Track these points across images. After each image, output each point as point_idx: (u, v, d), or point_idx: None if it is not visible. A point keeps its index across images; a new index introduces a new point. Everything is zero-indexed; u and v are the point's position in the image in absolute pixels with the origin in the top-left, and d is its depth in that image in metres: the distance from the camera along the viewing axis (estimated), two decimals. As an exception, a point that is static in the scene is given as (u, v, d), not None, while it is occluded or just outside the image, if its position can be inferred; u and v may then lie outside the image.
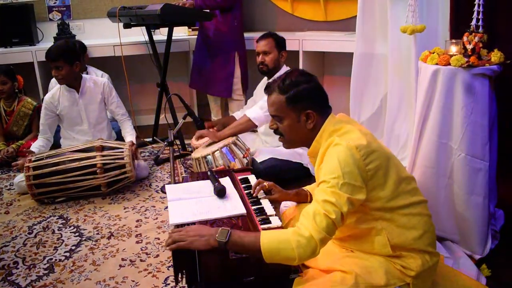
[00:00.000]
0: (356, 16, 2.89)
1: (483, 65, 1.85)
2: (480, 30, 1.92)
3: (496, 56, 1.86)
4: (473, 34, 1.88)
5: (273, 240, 1.43)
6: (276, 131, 1.71)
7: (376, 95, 3.01)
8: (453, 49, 1.92)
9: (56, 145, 3.16)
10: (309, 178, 2.78)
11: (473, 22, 1.94)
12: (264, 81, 3.06)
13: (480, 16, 1.93)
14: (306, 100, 1.59)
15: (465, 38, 1.91)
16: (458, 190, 1.99)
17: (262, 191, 1.92)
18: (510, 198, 2.33)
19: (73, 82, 2.98)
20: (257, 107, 2.75)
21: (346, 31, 3.63)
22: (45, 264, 2.07)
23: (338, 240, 1.72)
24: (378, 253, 1.58)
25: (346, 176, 1.43)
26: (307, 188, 1.97)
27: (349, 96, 3.03)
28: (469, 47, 1.88)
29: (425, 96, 1.95)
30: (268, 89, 1.67)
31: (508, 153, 2.28)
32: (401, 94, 2.71)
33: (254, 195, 1.89)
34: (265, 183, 1.92)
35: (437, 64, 1.90)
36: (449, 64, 1.86)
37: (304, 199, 1.96)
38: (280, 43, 2.91)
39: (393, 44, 2.61)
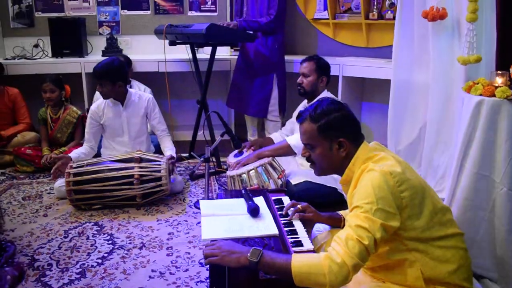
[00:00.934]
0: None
1: (530, 98, 1.79)
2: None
3: (544, 90, 1.81)
4: (522, 66, 1.84)
5: (304, 264, 1.42)
6: (308, 159, 1.73)
7: (414, 123, 2.96)
8: (499, 80, 1.88)
9: (97, 154, 3.26)
10: (342, 204, 2.74)
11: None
12: (304, 103, 3.07)
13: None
14: (337, 129, 1.61)
15: (511, 70, 1.86)
16: (499, 225, 1.91)
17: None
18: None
19: (116, 98, 3.08)
20: (298, 136, 2.74)
21: (387, 58, 3.61)
22: (77, 269, 2.12)
23: (370, 270, 1.68)
24: (410, 285, 1.53)
25: (380, 202, 1.42)
26: (341, 212, 1.95)
27: (387, 123, 3.01)
28: (516, 79, 1.84)
29: (467, 127, 1.91)
30: (300, 118, 1.71)
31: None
32: (441, 124, 2.66)
33: (288, 218, 1.87)
34: (299, 205, 1.91)
35: (481, 95, 1.87)
36: (494, 96, 1.82)
37: (337, 223, 1.94)
38: (321, 67, 2.93)
39: (435, 73, 2.58)
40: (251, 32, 3.59)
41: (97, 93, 3.75)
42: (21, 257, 2.21)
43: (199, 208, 2.68)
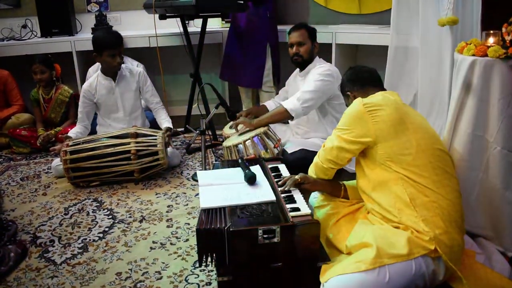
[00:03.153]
0: (390, 9, 2.84)
1: (522, 56, 1.79)
2: (521, 21, 1.86)
3: (536, 47, 1.80)
4: (513, 25, 1.83)
5: None
6: None
7: (409, 89, 2.96)
8: (491, 40, 1.86)
9: (92, 131, 3.25)
10: (337, 172, 2.76)
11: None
12: (296, 72, 3.06)
13: (522, 7, 1.87)
14: (346, 85, 1.99)
15: (503, 29, 1.85)
16: (493, 184, 1.94)
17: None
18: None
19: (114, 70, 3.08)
20: (294, 98, 2.73)
21: (380, 24, 3.58)
22: (79, 244, 2.15)
23: (369, 201, 1.79)
24: (397, 206, 1.64)
25: (347, 124, 1.76)
26: (345, 182, 2.02)
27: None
28: (508, 38, 1.82)
29: (461, 87, 1.91)
30: None
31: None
32: (434, 88, 2.65)
33: (286, 189, 1.90)
34: (297, 177, 1.94)
35: (473, 55, 1.86)
36: (486, 55, 1.82)
37: (336, 190, 1.99)
38: (312, 34, 2.91)
39: (424, 37, 2.56)
40: (242, 1, 3.54)
41: (90, 71, 3.74)
42: (23, 235, 2.24)
43: (196, 181, 2.69)
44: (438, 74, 2.55)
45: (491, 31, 1.87)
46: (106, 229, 2.28)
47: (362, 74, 1.97)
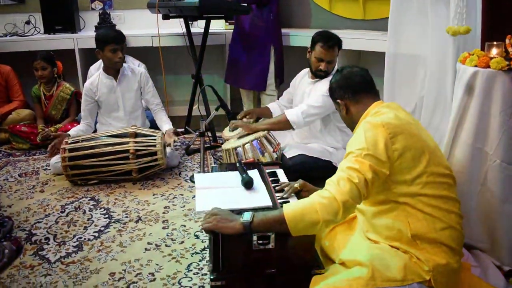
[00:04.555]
0: (395, 15, 2.83)
1: (525, 69, 1.78)
2: (524, 33, 1.85)
3: (539, 60, 1.79)
4: (517, 37, 1.82)
5: (296, 208, 1.49)
6: None
7: (410, 97, 2.94)
8: (494, 51, 1.86)
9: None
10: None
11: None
12: (304, 73, 3.02)
13: (525, 19, 1.86)
14: (336, 91, 1.82)
15: (507, 41, 1.84)
16: (491, 197, 1.92)
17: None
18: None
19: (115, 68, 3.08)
20: (299, 110, 2.70)
21: (384, 30, 3.56)
22: (74, 242, 2.14)
23: (365, 224, 1.71)
24: (398, 239, 1.56)
25: (371, 148, 1.51)
26: None
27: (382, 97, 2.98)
28: (511, 50, 1.82)
29: (461, 98, 1.90)
30: None
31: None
32: (437, 97, 2.64)
33: (285, 196, 1.88)
34: (296, 184, 1.92)
35: (476, 66, 1.85)
36: (489, 67, 1.81)
37: None
38: (340, 49, 2.86)
39: (433, 45, 2.55)
40: (245, 4, 3.54)
41: (91, 69, 3.74)
42: (19, 232, 2.23)
43: (194, 182, 2.69)
44: (442, 83, 2.53)
45: (494, 42, 1.87)
46: (102, 228, 2.27)
47: (354, 78, 1.78)
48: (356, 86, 1.77)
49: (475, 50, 1.95)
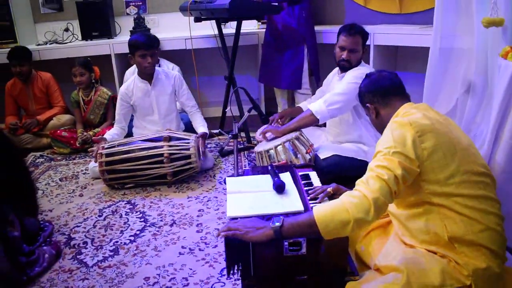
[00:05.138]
0: (432, 8, 2.72)
1: None
2: None
3: None
4: None
5: (326, 210, 1.46)
6: None
7: (452, 93, 2.82)
8: (539, 44, 1.75)
9: (128, 133, 3.32)
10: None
11: None
12: (335, 72, 2.97)
13: None
14: (365, 96, 1.82)
15: (553, 33, 1.73)
16: (538, 198, 1.81)
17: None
18: None
19: (150, 73, 3.13)
20: (321, 101, 2.66)
21: (421, 24, 3.44)
22: (111, 246, 2.19)
23: (400, 229, 1.66)
24: (433, 241, 1.51)
25: (398, 146, 1.48)
26: None
27: (421, 93, 2.87)
28: (558, 42, 1.70)
29: (503, 95, 1.79)
30: None
31: None
32: (482, 93, 2.52)
33: (318, 202, 1.84)
34: (329, 189, 1.88)
35: (519, 60, 1.75)
36: (533, 61, 1.70)
37: None
38: (366, 40, 2.78)
39: (478, 39, 2.42)
40: (276, 3, 3.50)
41: (127, 73, 3.81)
42: (59, 236, 2.30)
43: (227, 185, 2.69)
44: (488, 78, 2.41)
45: (539, 35, 1.75)
46: (138, 232, 2.31)
47: (383, 82, 1.77)
48: (385, 90, 1.76)
49: (517, 43, 1.84)
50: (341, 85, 2.67)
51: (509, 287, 1.59)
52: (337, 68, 2.92)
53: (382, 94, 1.75)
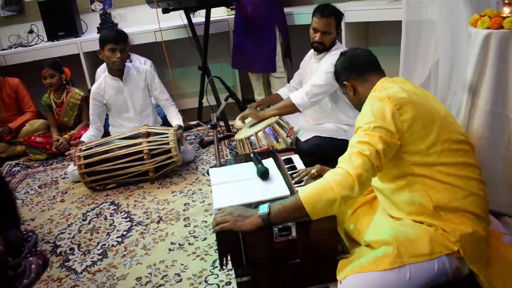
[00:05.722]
0: (400, -18, 2.72)
1: (540, 25, 1.68)
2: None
3: (556, 14, 1.69)
4: (529, -9, 1.72)
5: (311, 189, 1.47)
6: None
7: (425, 64, 2.84)
8: (506, 10, 1.76)
9: (105, 132, 3.26)
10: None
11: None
12: (311, 54, 2.95)
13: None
14: (341, 74, 1.80)
15: (520, -3, 1.74)
16: (516, 161, 1.86)
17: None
18: None
19: (120, 69, 3.06)
20: (303, 92, 2.64)
21: (390, -2, 3.44)
22: (99, 250, 2.16)
23: (386, 203, 1.69)
24: (421, 213, 1.54)
25: (378, 121, 1.49)
26: None
27: (396, 66, 2.89)
28: (525, 6, 1.72)
29: (476, 63, 1.81)
30: None
31: None
32: (452, 62, 2.54)
33: (303, 184, 1.84)
34: (313, 170, 1.88)
35: (488, 28, 1.76)
36: (502, 27, 1.71)
37: None
38: (340, 20, 2.76)
39: (442, 9, 2.44)
40: (245, -13, 3.45)
41: (98, 71, 3.73)
42: (44, 245, 2.25)
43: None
44: (456, 48, 2.44)
45: (506, 0, 1.76)
46: (124, 232, 2.28)
47: (358, 59, 1.77)
48: (361, 66, 1.76)
49: (486, 10, 1.85)
50: (320, 75, 2.65)
51: (493, 248, 1.63)
52: (311, 51, 2.91)
53: (359, 71, 1.74)
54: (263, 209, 1.51)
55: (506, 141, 1.85)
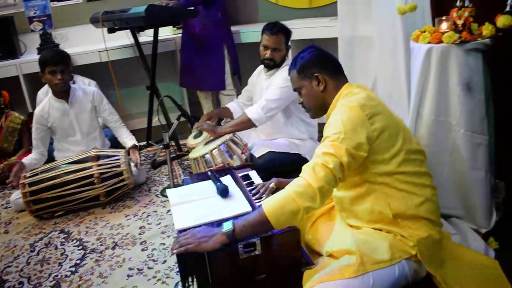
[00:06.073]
0: (340, 0, 2.85)
1: (475, 39, 1.83)
2: (467, 3, 1.89)
3: (487, 29, 1.84)
4: (462, 9, 1.86)
5: (274, 202, 1.48)
6: (302, 105, 1.81)
7: (367, 79, 2.97)
8: (444, 26, 1.89)
9: (49, 157, 3.10)
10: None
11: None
12: (260, 69, 3.00)
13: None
14: (312, 66, 1.71)
15: (454, 14, 1.88)
16: (460, 166, 1.98)
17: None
18: (510, 169, 2.32)
19: (63, 91, 2.94)
20: (258, 107, 2.67)
21: (332, 15, 3.59)
22: (51, 282, 2.03)
23: (344, 212, 1.73)
24: (379, 221, 1.60)
25: (348, 132, 1.49)
26: None
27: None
28: (460, 22, 1.86)
29: (419, 76, 1.93)
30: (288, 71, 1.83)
31: (504, 124, 2.27)
32: (392, 78, 2.68)
33: (264, 199, 1.85)
34: (272, 184, 1.91)
35: (429, 42, 1.88)
36: (442, 42, 1.84)
37: None
38: (288, 37, 2.82)
39: (378, 25, 2.57)
40: (192, 7, 3.46)
41: (40, 94, 3.57)
42: (-12, 280, 2.10)
43: (166, 196, 2.63)
44: (394, 63, 2.57)
45: (443, 17, 1.90)
46: (78, 261, 2.17)
47: (332, 61, 1.75)
48: (336, 67, 1.74)
49: (425, 27, 1.98)
50: (274, 90, 2.69)
51: (446, 248, 1.73)
52: (261, 66, 2.96)
53: (334, 70, 1.72)
54: (228, 226, 1.51)
55: (450, 147, 1.97)
